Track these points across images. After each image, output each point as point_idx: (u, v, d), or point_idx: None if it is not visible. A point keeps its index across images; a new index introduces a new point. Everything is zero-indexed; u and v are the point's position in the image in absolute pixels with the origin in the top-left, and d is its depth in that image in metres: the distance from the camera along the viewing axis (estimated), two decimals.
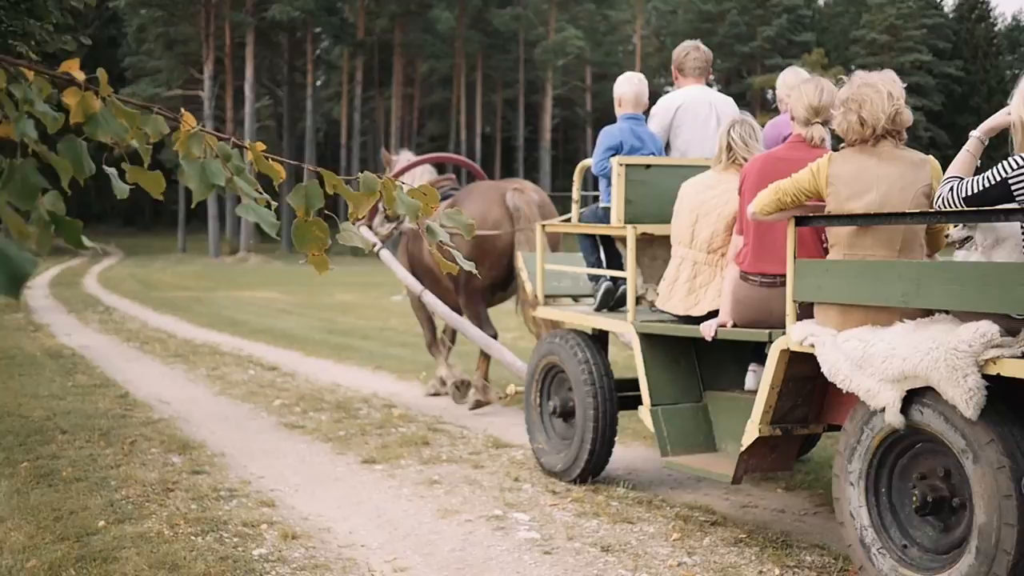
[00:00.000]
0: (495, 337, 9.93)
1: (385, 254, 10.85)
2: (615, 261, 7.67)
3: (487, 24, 68.12)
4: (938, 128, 71.00)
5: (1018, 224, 4.64)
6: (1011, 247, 4.70)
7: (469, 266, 3.13)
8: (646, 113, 7.83)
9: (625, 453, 8.25)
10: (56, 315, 21.07)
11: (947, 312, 4.84)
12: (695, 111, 7.65)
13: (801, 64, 38.08)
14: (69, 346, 15.20)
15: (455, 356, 11.83)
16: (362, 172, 2.93)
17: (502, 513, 6.51)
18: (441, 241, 3.07)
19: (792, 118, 6.06)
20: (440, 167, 14.79)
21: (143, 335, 17.11)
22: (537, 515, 6.48)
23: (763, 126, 6.89)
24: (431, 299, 10.30)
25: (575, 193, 8.35)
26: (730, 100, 7.98)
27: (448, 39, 66.96)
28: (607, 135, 7.68)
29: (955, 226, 5.22)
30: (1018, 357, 4.43)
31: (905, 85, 5.39)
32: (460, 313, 10.38)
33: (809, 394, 5.75)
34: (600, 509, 6.56)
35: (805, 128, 5.96)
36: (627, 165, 7.13)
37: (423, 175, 11.54)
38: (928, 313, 4.94)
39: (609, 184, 7.46)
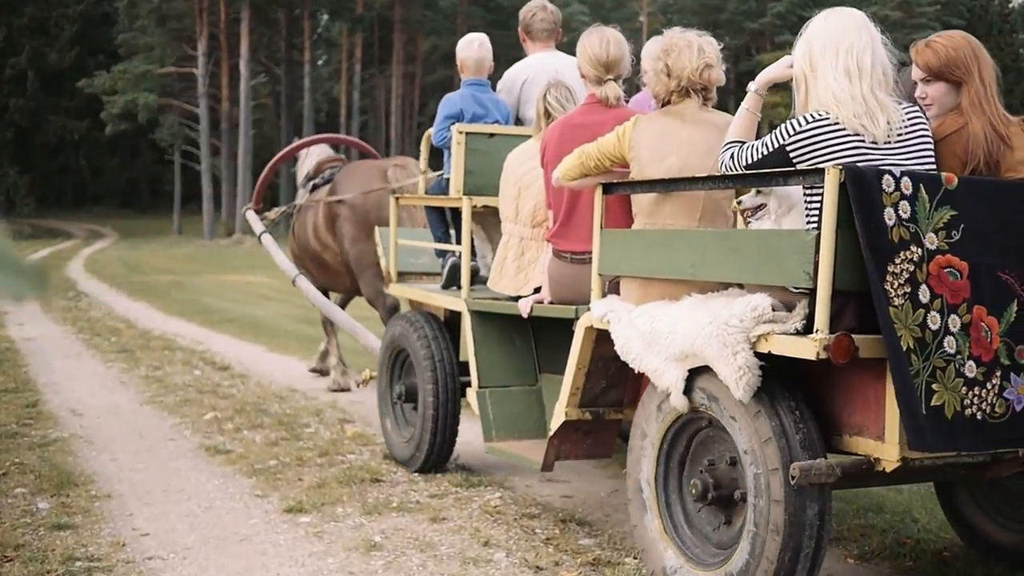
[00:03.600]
0: None
1: (267, 239, 10.82)
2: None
3: None
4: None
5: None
6: (798, 214, 4.41)
7: None
8: (494, 79, 7.41)
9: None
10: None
11: (741, 286, 4.48)
12: (541, 83, 6.83)
13: None
14: (11, 339, 14.47)
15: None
16: None
17: None
18: None
19: (582, 76, 5.72)
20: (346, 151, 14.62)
21: (100, 325, 16.45)
22: None
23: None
24: (304, 283, 10.31)
25: (422, 164, 8.02)
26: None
27: (450, 15, 65.88)
28: (447, 103, 7.45)
29: (748, 192, 4.86)
30: (791, 334, 4.08)
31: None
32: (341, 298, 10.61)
33: (620, 375, 5.40)
34: None
35: (598, 87, 5.65)
36: (468, 133, 6.91)
37: (318, 153, 11.37)
38: (726, 286, 4.59)
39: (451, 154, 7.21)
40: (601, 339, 5.17)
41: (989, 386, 4.10)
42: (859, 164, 4.17)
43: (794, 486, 4.09)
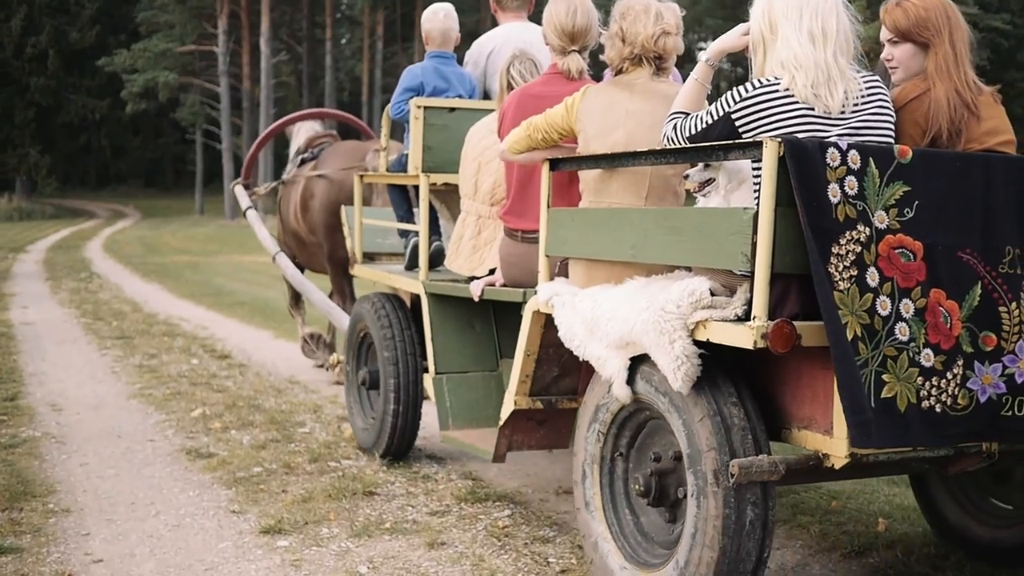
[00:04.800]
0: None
1: (251, 214, 10.63)
2: (429, 214, 6.81)
3: None
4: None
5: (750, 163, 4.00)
6: (748, 190, 4.12)
7: None
8: (461, 52, 7.19)
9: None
10: (31, 283, 20.49)
11: (689, 268, 4.22)
12: (508, 55, 6.51)
13: None
14: (9, 322, 14.25)
15: None
16: None
17: None
18: None
19: (547, 45, 5.48)
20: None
21: (105, 309, 16.20)
22: None
23: None
24: (283, 260, 10.10)
25: (382, 140, 7.65)
26: None
27: None
28: (408, 74, 7.17)
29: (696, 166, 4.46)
30: (731, 321, 3.83)
31: None
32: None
33: (574, 362, 5.07)
34: None
35: (562, 58, 5.39)
36: (426, 108, 6.63)
37: (309, 129, 11.18)
38: (674, 268, 4.34)
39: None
40: (550, 324, 4.91)
41: (949, 376, 3.79)
42: (804, 136, 3.88)
43: (733, 484, 3.82)
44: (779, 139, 3.65)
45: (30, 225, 44.43)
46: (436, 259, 6.74)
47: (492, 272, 5.88)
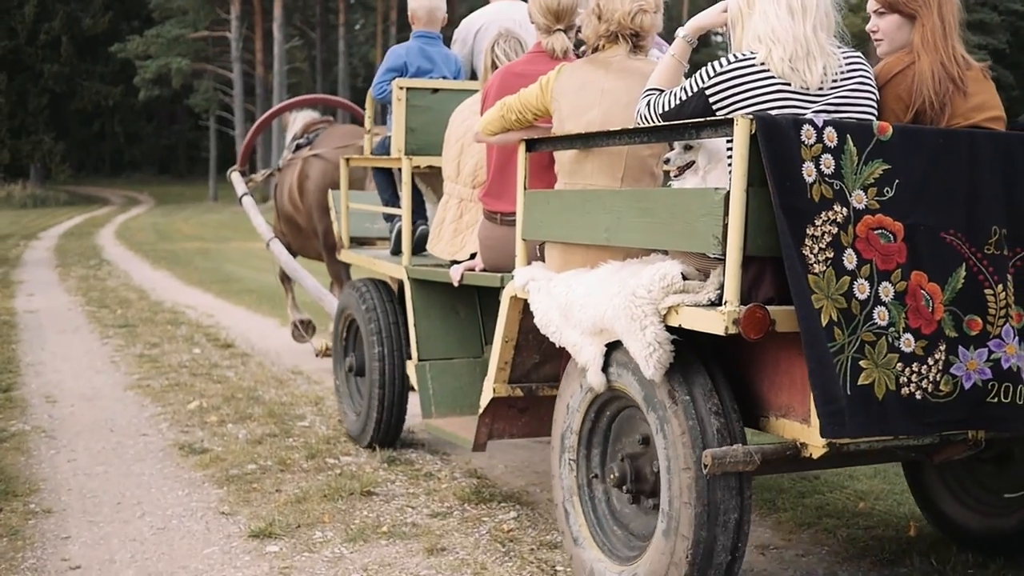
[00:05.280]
0: None
1: (247, 201, 10.56)
2: (414, 198, 6.73)
3: None
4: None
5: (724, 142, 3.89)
6: (724, 170, 3.99)
7: None
8: (449, 33, 7.10)
9: None
10: (41, 270, 20.43)
11: (665, 252, 4.10)
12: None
13: None
14: (12, 311, 14.17)
15: None
16: None
17: None
18: None
19: (532, 23, 5.36)
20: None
21: (111, 296, 16.10)
22: None
23: None
24: (276, 247, 10.01)
25: (367, 122, 7.60)
26: None
27: None
28: (391, 55, 7.09)
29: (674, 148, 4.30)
30: (704, 305, 3.71)
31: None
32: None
33: (554, 349, 4.90)
34: None
35: (546, 37, 5.27)
36: (409, 89, 6.49)
37: (306, 115, 11.02)
38: (649, 252, 4.20)
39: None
40: (528, 310, 4.78)
41: (931, 361, 3.65)
42: (779, 112, 3.73)
43: (707, 475, 3.69)
44: (751, 116, 3.51)
45: (44, 212, 44.41)
46: (421, 243, 6.64)
47: (473, 256, 5.77)
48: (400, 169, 6.73)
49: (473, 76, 7.08)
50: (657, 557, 3.92)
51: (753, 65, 3.84)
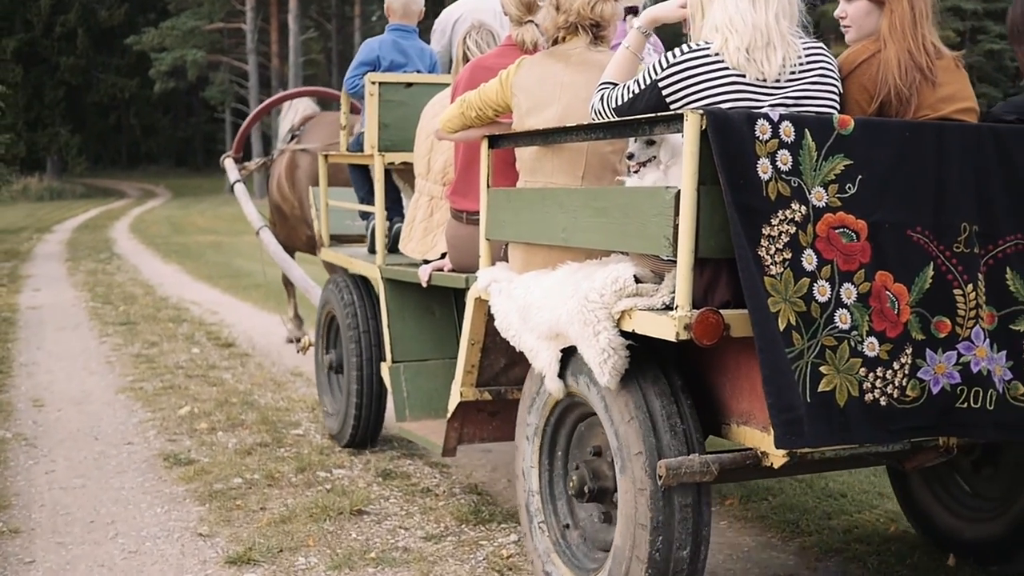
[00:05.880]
0: None
1: (239, 188, 10.40)
2: (391, 195, 6.65)
3: None
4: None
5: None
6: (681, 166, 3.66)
7: None
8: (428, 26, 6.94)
9: None
10: (50, 263, 20.44)
11: (626, 253, 3.91)
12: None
13: None
14: (15, 307, 14.10)
15: None
16: None
17: None
18: None
19: (506, 14, 5.18)
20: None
21: (117, 292, 16.03)
22: None
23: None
24: (266, 236, 9.80)
25: (342, 118, 7.41)
26: None
27: None
28: (364, 48, 7.01)
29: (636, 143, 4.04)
30: (657, 310, 3.54)
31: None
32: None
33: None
34: None
35: (517, 28, 5.05)
36: (382, 83, 6.34)
37: (304, 107, 10.86)
38: (609, 252, 4.02)
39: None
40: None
41: (897, 366, 3.48)
42: (733, 106, 3.57)
43: (661, 486, 3.54)
44: (701, 111, 3.35)
45: (60, 205, 44.47)
46: (397, 241, 6.48)
47: (444, 256, 5.63)
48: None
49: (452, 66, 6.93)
50: (615, 569, 3.79)
51: (707, 56, 3.67)
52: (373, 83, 6.33)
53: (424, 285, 5.63)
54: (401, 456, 6.68)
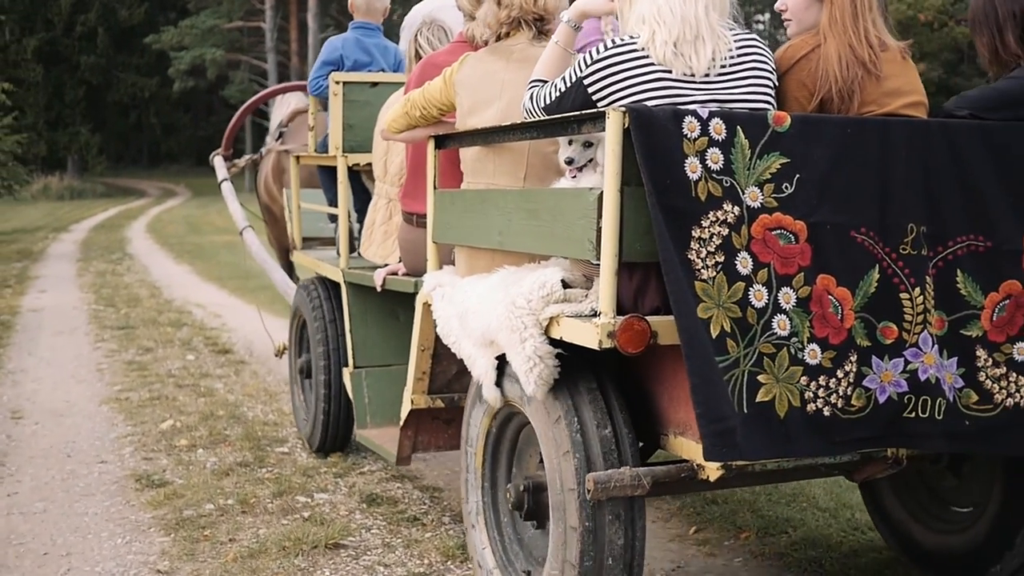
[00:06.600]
0: None
1: (226, 187, 10.24)
2: (361, 196, 6.52)
3: None
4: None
5: None
6: None
7: None
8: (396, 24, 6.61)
9: None
10: (61, 264, 20.35)
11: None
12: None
13: None
14: (16, 309, 13.97)
15: None
16: None
17: None
18: None
19: (459, 8, 4.94)
20: None
21: (123, 293, 15.86)
22: None
23: None
24: (249, 236, 9.68)
25: (310, 119, 7.20)
26: None
27: None
28: (327, 47, 6.87)
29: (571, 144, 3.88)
30: (584, 316, 3.40)
31: None
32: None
33: None
34: None
35: (469, 23, 4.78)
36: (346, 83, 6.22)
37: (296, 101, 10.66)
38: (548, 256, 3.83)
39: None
40: None
41: (841, 374, 3.31)
42: (658, 103, 3.40)
43: (590, 501, 3.38)
44: (623, 108, 3.19)
45: (80, 204, 44.48)
46: None
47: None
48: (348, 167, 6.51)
49: None
50: None
51: (632, 51, 3.50)
52: (337, 83, 6.22)
53: (379, 289, 5.50)
54: (390, 478, 6.25)
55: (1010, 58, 3.91)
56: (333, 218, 6.98)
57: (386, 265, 5.57)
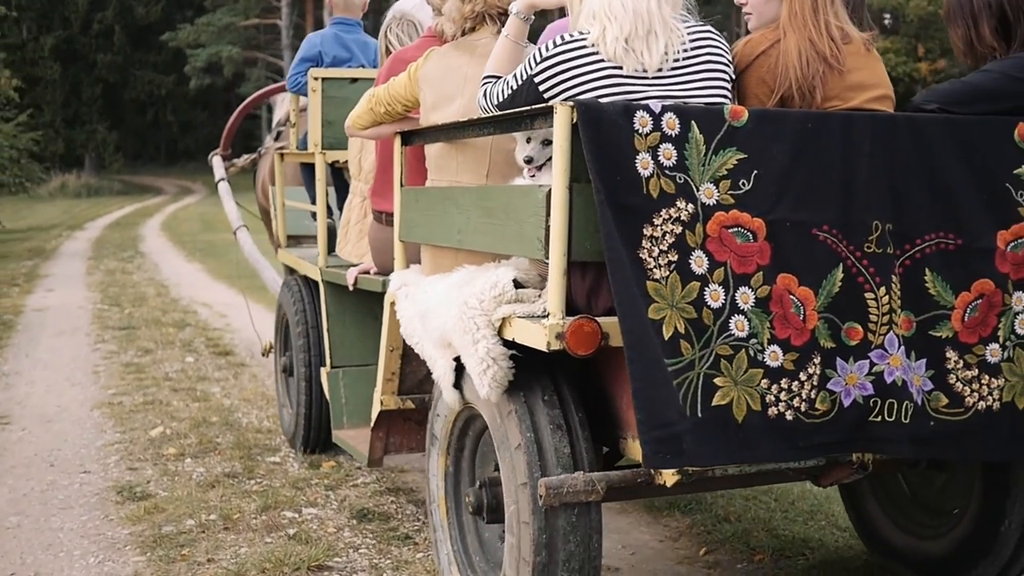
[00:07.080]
0: None
1: (222, 187, 10.20)
2: (345, 193, 6.38)
3: None
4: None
5: None
6: None
7: None
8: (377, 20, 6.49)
9: None
10: (72, 262, 20.31)
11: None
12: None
13: None
14: (20, 308, 13.89)
15: None
16: None
17: None
18: None
19: (428, 3, 4.85)
20: None
21: (129, 292, 15.77)
22: None
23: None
24: (243, 236, 9.61)
25: (292, 116, 7.19)
26: None
27: None
28: (306, 43, 6.82)
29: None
30: (536, 317, 3.31)
31: None
32: None
33: None
34: None
35: (437, 18, 4.68)
36: (325, 79, 6.10)
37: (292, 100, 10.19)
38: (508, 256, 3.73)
39: None
40: None
41: (804, 376, 3.21)
42: (606, 98, 3.30)
43: (543, 506, 3.28)
44: (571, 103, 3.09)
45: (96, 202, 44.55)
46: None
47: None
48: (329, 164, 6.42)
49: None
50: None
51: (582, 47, 3.40)
52: (316, 79, 6.14)
53: (350, 288, 5.45)
54: (384, 491, 5.93)
55: (985, 50, 3.80)
56: (316, 215, 6.89)
57: (360, 264, 5.50)
